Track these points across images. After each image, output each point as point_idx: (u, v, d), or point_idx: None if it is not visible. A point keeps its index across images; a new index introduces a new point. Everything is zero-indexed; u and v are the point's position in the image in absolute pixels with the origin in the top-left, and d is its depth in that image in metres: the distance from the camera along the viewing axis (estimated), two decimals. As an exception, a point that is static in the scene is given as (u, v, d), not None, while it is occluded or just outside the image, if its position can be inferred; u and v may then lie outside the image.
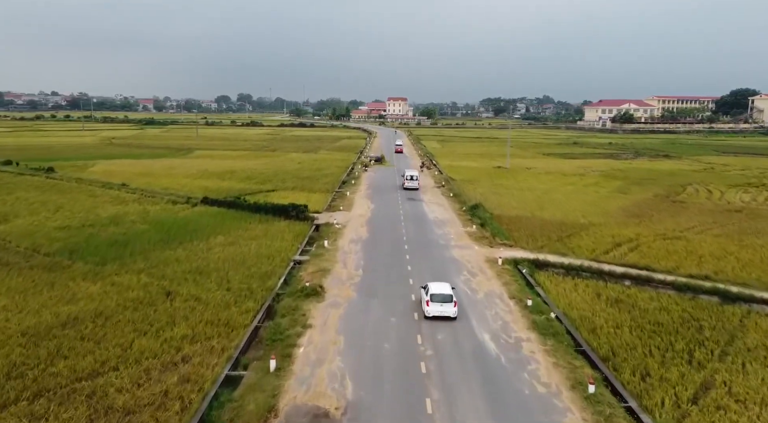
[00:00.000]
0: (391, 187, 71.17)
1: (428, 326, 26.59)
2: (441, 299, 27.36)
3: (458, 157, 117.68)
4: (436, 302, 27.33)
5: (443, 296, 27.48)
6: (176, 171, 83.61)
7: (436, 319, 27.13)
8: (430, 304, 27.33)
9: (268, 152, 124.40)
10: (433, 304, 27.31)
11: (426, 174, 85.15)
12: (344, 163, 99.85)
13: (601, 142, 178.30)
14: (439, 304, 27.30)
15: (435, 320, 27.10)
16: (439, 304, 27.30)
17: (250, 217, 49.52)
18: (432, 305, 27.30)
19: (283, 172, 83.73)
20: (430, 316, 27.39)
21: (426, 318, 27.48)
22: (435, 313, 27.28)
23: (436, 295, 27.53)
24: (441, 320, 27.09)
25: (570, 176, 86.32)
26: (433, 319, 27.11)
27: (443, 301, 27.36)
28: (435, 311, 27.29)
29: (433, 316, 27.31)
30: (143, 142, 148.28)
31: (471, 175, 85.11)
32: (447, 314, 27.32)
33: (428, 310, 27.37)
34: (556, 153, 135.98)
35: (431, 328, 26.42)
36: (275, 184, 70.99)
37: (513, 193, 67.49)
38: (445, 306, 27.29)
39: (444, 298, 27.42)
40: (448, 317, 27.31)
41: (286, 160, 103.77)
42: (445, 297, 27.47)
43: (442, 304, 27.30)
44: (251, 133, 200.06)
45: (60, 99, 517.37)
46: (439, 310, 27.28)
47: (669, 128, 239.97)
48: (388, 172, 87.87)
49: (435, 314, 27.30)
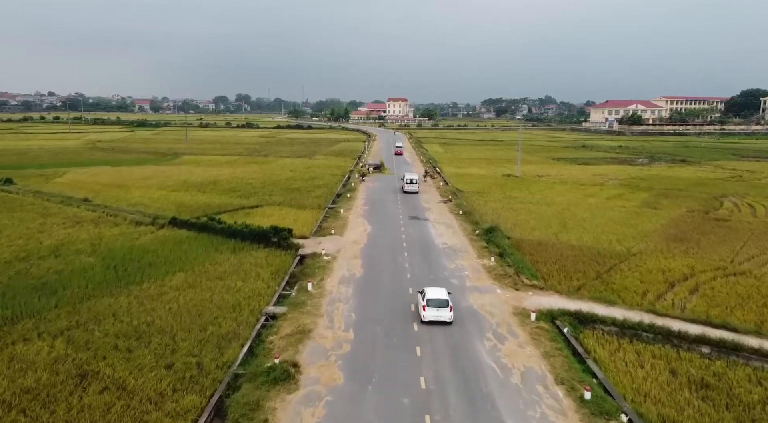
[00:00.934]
0: (392, 201, 62.94)
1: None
2: (437, 304, 27.73)
3: (463, 163, 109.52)
4: (433, 307, 27.70)
5: (439, 301, 27.85)
6: (153, 181, 75.40)
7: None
8: (427, 309, 27.74)
9: (260, 158, 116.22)
10: (429, 309, 27.70)
11: (430, 184, 76.90)
12: (340, 170, 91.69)
13: (611, 145, 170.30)
14: (436, 310, 27.67)
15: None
16: (436, 309, 27.68)
17: (223, 244, 41.34)
18: (428, 310, 27.71)
19: (272, 182, 75.57)
20: (426, 321, 27.76)
21: (422, 323, 27.75)
22: (431, 317, 27.71)
23: (433, 300, 27.92)
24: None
25: (588, 186, 78.12)
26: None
27: (439, 306, 27.74)
28: (431, 316, 27.71)
29: (429, 320, 27.69)
30: (129, 146, 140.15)
31: (480, 185, 76.97)
32: (443, 319, 27.73)
33: (425, 315, 27.81)
34: (566, 158, 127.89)
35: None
36: (261, 198, 62.78)
37: (530, 209, 59.31)
38: (441, 311, 27.68)
39: (440, 303, 27.80)
40: (444, 322, 27.54)
41: (278, 168, 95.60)
42: (441, 302, 27.85)
43: (438, 309, 27.67)
44: (245, 135, 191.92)
45: (55, 99, 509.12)
46: (435, 315, 27.66)
47: (678, 130, 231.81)
48: (388, 181, 79.65)
49: (431, 319, 27.74)
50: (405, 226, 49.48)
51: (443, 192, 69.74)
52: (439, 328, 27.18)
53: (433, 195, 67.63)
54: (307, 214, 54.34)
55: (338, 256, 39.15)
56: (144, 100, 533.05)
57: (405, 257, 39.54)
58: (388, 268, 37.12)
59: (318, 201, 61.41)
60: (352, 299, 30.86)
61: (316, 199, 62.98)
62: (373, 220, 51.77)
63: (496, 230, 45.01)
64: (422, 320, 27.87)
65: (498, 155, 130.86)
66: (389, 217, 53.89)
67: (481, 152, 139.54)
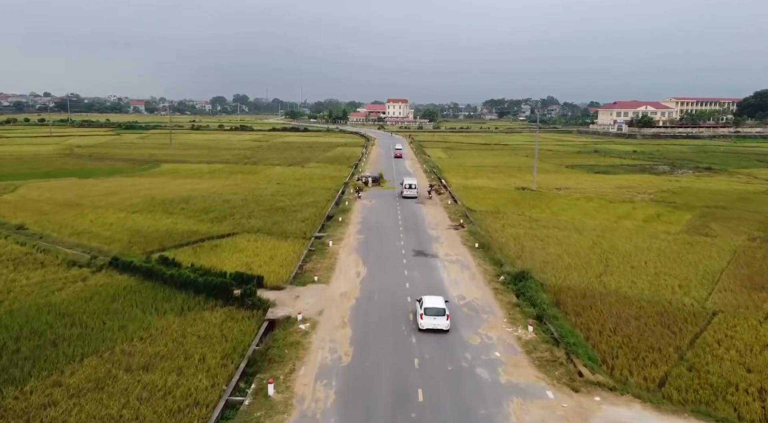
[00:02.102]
0: (392, 226, 52.61)
1: None
2: (434, 313, 28.44)
3: (470, 173, 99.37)
4: (430, 316, 28.38)
5: (436, 310, 28.60)
6: (116, 198, 65.18)
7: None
8: (424, 317, 28.43)
9: (248, 166, 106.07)
10: (426, 318, 28.39)
11: (436, 201, 66.64)
12: (334, 183, 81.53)
13: (624, 149, 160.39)
14: (433, 318, 28.32)
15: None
16: (433, 317, 28.33)
17: (169, 300, 31.21)
18: (426, 318, 28.39)
19: (254, 199, 65.41)
20: (423, 329, 28.14)
21: (420, 330, 28.03)
22: (428, 325, 28.30)
23: (430, 308, 28.65)
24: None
25: (617, 204, 67.93)
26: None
27: (436, 314, 28.45)
28: (428, 324, 28.31)
29: (426, 328, 28.05)
30: (108, 152, 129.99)
31: (492, 203, 66.81)
32: (440, 327, 28.34)
33: (422, 323, 28.43)
34: (580, 165, 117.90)
35: None
36: (236, 223, 52.59)
37: (558, 237, 49.14)
38: (438, 319, 28.33)
39: (437, 312, 28.53)
40: (441, 330, 27.85)
41: (265, 179, 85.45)
42: (438, 311, 28.58)
43: (435, 318, 28.32)
44: (237, 139, 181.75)
45: (49, 100, 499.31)
46: (432, 323, 28.29)
47: (691, 133, 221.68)
48: (388, 198, 69.33)
49: (428, 327, 28.26)
50: (409, 268, 39.13)
51: (452, 213, 59.45)
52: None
53: (441, 218, 57.31)
54: (288, 246, 44.13)
55: (319, 323, 28.89)
56: (139, 101, 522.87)
57: (410, 326, 29.24)
58: (388, 343, 26.88)
59: (304, 227, 51.22)
60: (333, 409, 20.62)
61: (301, 223, 52.80)
62: (368, 257, 41.49)
63: (527, 277, 34.72)
64: (419, 328, 28.40)
65: (506, 162, 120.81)
66: (389, 251, 43.62)
67: (488, 158, 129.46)
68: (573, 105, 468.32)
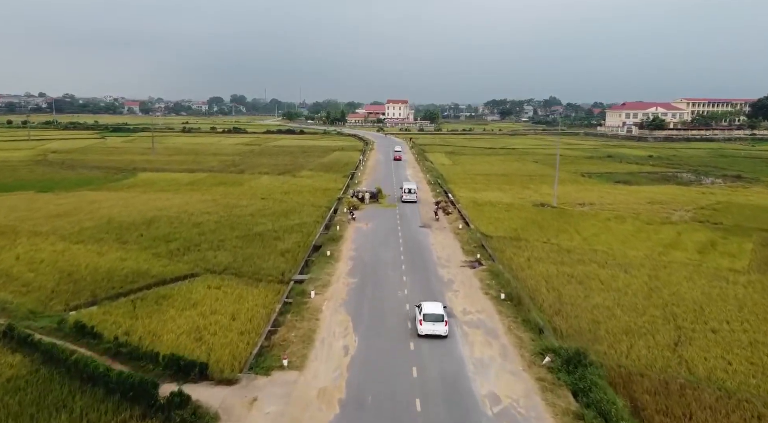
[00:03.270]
0: (392, 264, 42.33)
1: None
2: (433, 319, 28.55)
3: (479, 183, 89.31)
4: (429, 322, 28.49)
5: (435, 316, 28.63)
6: (66, 220, 55.05)
7: None
8: (423, 323, 28.51)
9: (233, 175, 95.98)
10: (425, 323, 28.49)
11: (445, 225, 56.40)
12: (326, 197, 71.43)
13: (639, 154, 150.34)
14: (432, 324, 28.46)
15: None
16: (432, 323, 28.46)
17: (68, 403, 21.13)
18: (425, 324, 28.47)
19: (230, 221, 55.35)
20: (422, 335, 28.27)
21: (419, 336, 28.17)
22: (427, 331, 28.41)
23: (429, 314, 28.65)
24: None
25: (656, 226, 57.85)
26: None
27: (435, 320, 28.49)
28: (427, 330, 28.43)
29: (425, 334, 28.18)
30: (85, 159, 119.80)
31: (510, 225, 56.75)
32: (438, 333, 28.41)
33: (421, 329, 28.49)
34: (597, 173, 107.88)
35: None
36: (200, 258, 42.50)
37: (600, 277, 39.08)
38: (436, 325, 28.46)
39: (436, 318, 28.56)
40: (439, 336, 28.01)
41: (248, 193, 75.35)
42: (437, 317, 28.61)
43: (434, 324, 28.46)
44: (228, 143, 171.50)
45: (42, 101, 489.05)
46: (431, 329, 28.40)
47: (705, 135, 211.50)
48: (388, 219, 59.10)
49: (427, 333, 28.39)
50: (416, 338, 28.81)
51: (465, 242, 49.18)
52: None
53: (452, 249, 46.97)
54: (259, 296, 33.98)
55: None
56: (134, 102, 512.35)
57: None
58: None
59: (283, 263, 41.11)
60: None
61: (281, 258, 42.71)
62: (361, 318, 31.16)
63: (584, 362, 24.46)
64: (419, 334, 28.44)
65: (516, 170, 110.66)
66: (389, 306, 33.31)
67: (495, 165, 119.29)
68: (576, 105, 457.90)
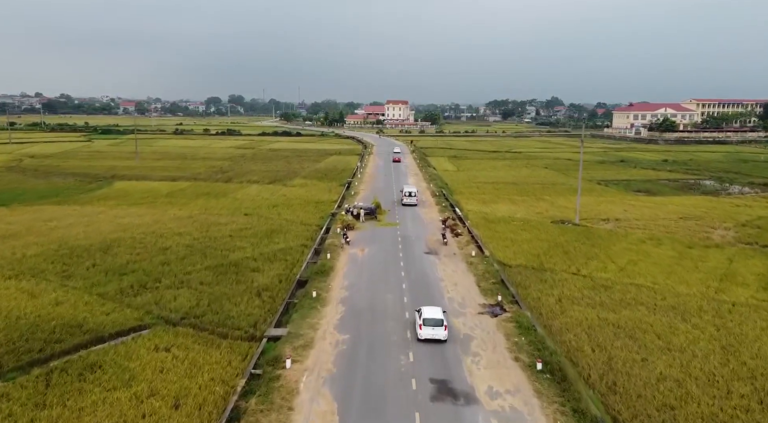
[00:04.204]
0: (393, 312, 34.20)
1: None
2: (433, 323, 28.84)
3: (487, 193, 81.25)
4: (429, 326, 28.80)
5: (435, 320, 28.94)
6: (10, 244, 46.87)
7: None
8: (423, 327, 28.86)
9: (219, 184, 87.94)
10: (425, 328, 28.80)
11: (455, 251, 48.07)
12: (318, 212, 63.37)
13: (652, 158, 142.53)
14: (431, 328, 28.75)
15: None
16: (431, 327, 28.75)
17: None
18: (425, 329, 28.80)
19: (203, 246, 47.28)
20: (422, 339, 28.56)
21: (419, 341, 28.48)
22: (427, 336, 28.70)
23: (429, 319, 29.01)
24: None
25: (700, 250, 49.75)
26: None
27: (435, 325, 28.82)
28: (427, 334, 28.71)
29: (425, 338, 28.49)
30: (63, 164, 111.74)
31: (530, 249, 48.65)
32: (438, 337, 28.72)
33: (421, 334, 28.86)
34: (613, 181, 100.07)
35: None
36: (156, 299, 34.39)
37: (654, 328, 31.02)
38: (436, 329, 28.74)
39: (436, 322, 28.88)
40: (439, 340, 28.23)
41: (231, 206, 67.26)
42: (436, 321, 28.93)
43: (433, 328, 28.74)
44: (220, 146, 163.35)
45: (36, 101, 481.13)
46: (431, 334, 28.69)
47: (718, 137, 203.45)
48: (387, 243, 50.79)
49: (427, 337, 28.69)
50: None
51: (481, 275, 40.87)
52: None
53: (466, 286, 38.57)
54: (217, 365, 25.80)
55: None
56: (130, 102, 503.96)
57: None
58: None
59: (256, 309, 33.00)
60: None
61: (256, 299, 34.64)
62: (350, 409, 22.72)
63: None
64: (418, 338, 28.74)
65: (525, 177, 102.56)
66: (388, 379, 25.12)
67: (502, 171, 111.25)
68: (579, 106, 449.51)
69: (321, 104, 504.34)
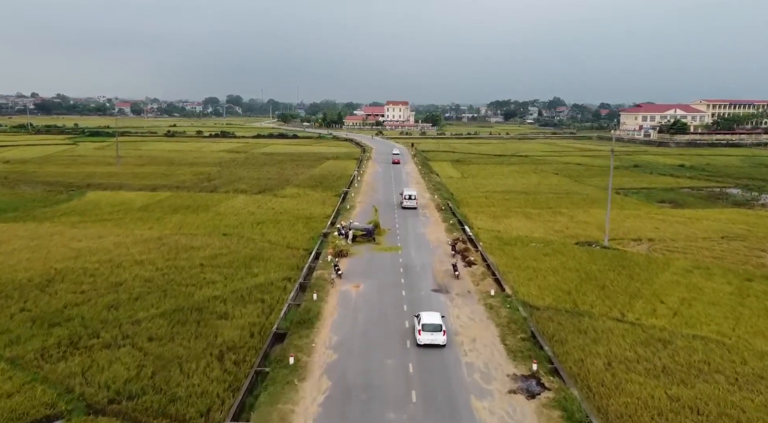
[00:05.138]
0: (395, 384, 26.01)
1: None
2: (432, 328, 28.90)
3: (498, 205, 73.09)
4: (427, 331, 28.83)
5: (434, 326, 29.00)
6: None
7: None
8: (422, 333, 28.84)
9: (202, 195, 79.72)
10: (424, 333, 28.79)
11: (472, 290, 39.43)
12: (308, 232, 55.31)
13: (667, 163, 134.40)
14: (430, 333, 28.80)
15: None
16: (430, 333, 28.81)
17: None
18: (423, 334, 28.79)
19: (165, 280, 39.13)
20: (421, 344, 28.68)
21: (418, 346, 28.67)
22: (426, 341, 28.74)
23: (428, 324, 29.00)
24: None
25: (760, 282, 41.57)
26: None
27: (434, 330, 28.87)
28: (426, 340, 28.75)
29: (424, 343, 28.61)
30: (38, 171, 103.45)
31: (557, 282, 40.49)
32: (437, 342, 28.82)
33: (420, 339, 28.84)
34: (631, 189, 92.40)
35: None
36: (80, 368, 26.33)
37: (749, 417, 22.85)
38: (435, 335, 28.83)
39: (434, 328, 28.92)
40: (438, 345, 28.48)
41: (210, 224, 59.16)
42: (435, 326, 28.97)
43: (432, 333, 28.81)
44: (211, 150, 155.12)
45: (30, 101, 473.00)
46: (430, 339, 28.74)
47: (732, 140, 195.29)
48: (389, 279, 42.39)
49: (426, 342, 28.73)
50: None
51: (506, 327, 32.34)
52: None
53: (490, 345, 29.86)
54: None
55: None
56: (125, 103, 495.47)
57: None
58: None
59: (213, 385, 24.81)
60: None
61: (214, 365, 26.46)
62: None
63: None
64: (417, 343, 28.82)
65: (535, 184, 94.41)
66: None
67: (510, 178, 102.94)
68: (582, 106, 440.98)
69: (320, 104, 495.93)
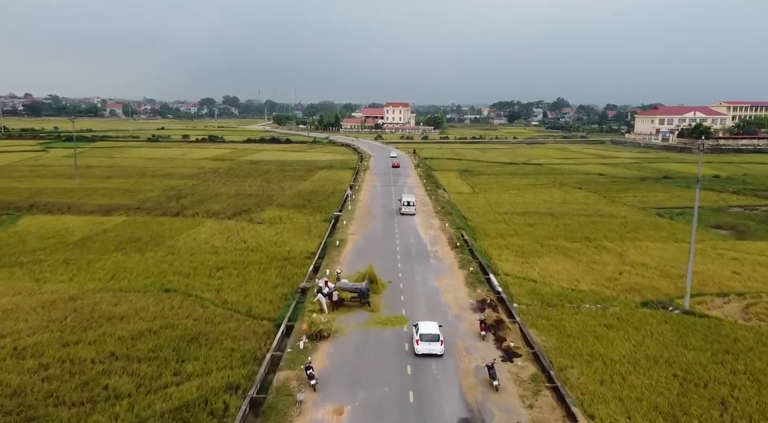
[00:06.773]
0: None
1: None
2: (429, 339, 29.26)
3: (523, 235, 58.95)
4: (425, 341, 29.20)
5: (431, 336, 29.37)
6: None
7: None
8: (420, 343, 29.19)
9: (162, 220, 65.56)
10: (422, 343, 29.16)
11: (522, 416, 25.24)
12: (283, 284, 41.46)
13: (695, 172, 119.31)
14: (428, 343, 29.15)
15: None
16: (428, 343, 29.16)
17: None
18: (421, 344, 29.16)
19: (30, 403, 24.82)
20: (419, 354, 29.03)
21: (416, 355, 29.01)
22: (424, 351, 29.05)
23: (426, 334, 29.39)
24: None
25: None
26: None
27: (431, 340, 29.24)
28: (424, 349, 29.08)
29: (422, 353, 28.98)
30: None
31: (645, 391, 26.32)
32: (434, 352, 29.14)
33: (418, 349, 29.18)
34: (674, 208, 78.49)
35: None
36: None
37: None
38: (432, 345, 29.17)
39: (432, 338, 29.29)
40: (435, 355, 28.87)
41: (155, 270, 45.02)
42: (433, 337, 29.33)
43: (430, 343, 29.16)
44: (193, 157, 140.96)
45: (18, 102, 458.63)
46: (427, 349, 29.08)
47: (759, 145, 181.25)
48: (388, 389, 28.30)
49: (424, 352, 29.04)
50: None
51: None
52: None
53: None
54: None
55: None
56: (117, 104, 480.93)
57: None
58: None
59: None
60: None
61: None
62: None
63: None
64: (415, 353, 29.09)
65: (560, 203, 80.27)
66: None
67: (529, 194, 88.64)
68: (588, 107, 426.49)
69: (318, 105, 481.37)
